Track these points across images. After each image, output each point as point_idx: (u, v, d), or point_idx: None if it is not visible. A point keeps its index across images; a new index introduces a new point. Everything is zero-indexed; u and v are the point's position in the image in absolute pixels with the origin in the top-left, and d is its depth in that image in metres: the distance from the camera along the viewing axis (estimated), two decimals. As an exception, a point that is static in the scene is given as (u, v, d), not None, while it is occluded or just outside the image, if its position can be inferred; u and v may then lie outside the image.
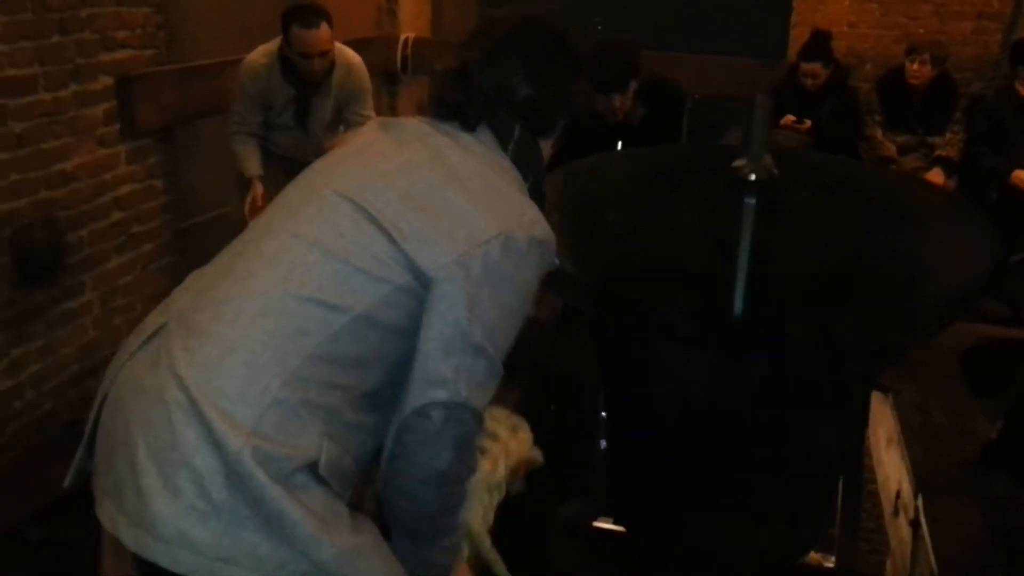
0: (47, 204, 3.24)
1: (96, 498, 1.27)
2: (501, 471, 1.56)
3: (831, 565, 3.74)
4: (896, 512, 3.44)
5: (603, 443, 2.96)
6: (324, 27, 3.65)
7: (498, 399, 1.35)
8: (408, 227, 1.23)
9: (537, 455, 1.67)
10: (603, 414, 2.87)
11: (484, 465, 1.52)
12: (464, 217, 1.25)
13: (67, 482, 1.36)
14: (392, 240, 1.23)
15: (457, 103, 1.38)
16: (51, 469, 2.08)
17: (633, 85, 3.37)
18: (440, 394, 1.21)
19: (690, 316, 1.81)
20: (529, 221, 1.30)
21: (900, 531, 3.32)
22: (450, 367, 1.21)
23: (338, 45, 3.82)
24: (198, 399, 1.16)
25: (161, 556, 1.16)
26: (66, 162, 3.32)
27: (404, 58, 5.79)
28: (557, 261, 1.37)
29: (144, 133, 3.69)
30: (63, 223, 3.31)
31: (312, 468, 1.20)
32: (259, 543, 1.15)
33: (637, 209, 2.37)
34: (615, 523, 3.08)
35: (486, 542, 1.53)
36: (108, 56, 3.50)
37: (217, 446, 1.15)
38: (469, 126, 1.38)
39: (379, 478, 1.28)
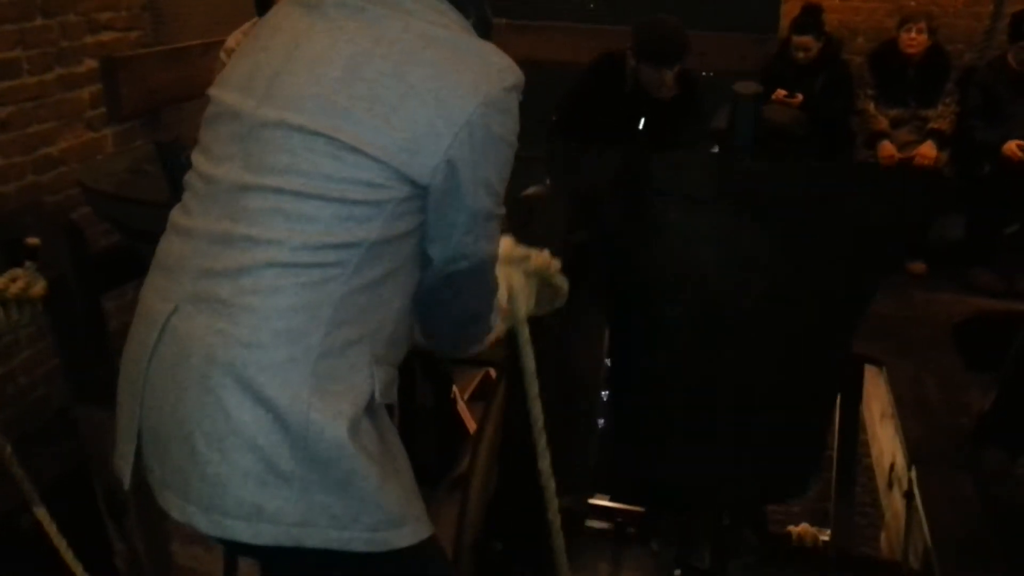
0: (34, 189, 3.21)
1: (154, 489, 1.26)
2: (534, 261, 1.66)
3: (826, 538, 3.76)
4: (890, 485, 3.45)
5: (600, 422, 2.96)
6: None
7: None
8: (388, 140, 1.19)
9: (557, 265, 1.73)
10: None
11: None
12: (436, 103, 1.20)
13: (127, 485, 1.33)
14: (378, 160, 1.19)
15: None
16: (44, 455, 2.08)
17: (681, 63, 3.50)
18: (463, 264, 1.28)
19: None
20: (498, 72, 1.24)
21: (894, 504, 3.34)
22: (469, 241, 1.27)
23: None
24: (248, 379, 1.16)
25: (242, 533, 1.18)
26: (52, 146, 3.29)
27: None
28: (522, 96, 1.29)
29: (131, 116, 3.66)
30: (50, 208, 3.29)
31: (370, 402, 1.22)
32: (332, 503, 1.18)
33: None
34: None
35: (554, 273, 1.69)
36: (93, 38, 3.46)
37: (278, 419, 1.16)
38: None
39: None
